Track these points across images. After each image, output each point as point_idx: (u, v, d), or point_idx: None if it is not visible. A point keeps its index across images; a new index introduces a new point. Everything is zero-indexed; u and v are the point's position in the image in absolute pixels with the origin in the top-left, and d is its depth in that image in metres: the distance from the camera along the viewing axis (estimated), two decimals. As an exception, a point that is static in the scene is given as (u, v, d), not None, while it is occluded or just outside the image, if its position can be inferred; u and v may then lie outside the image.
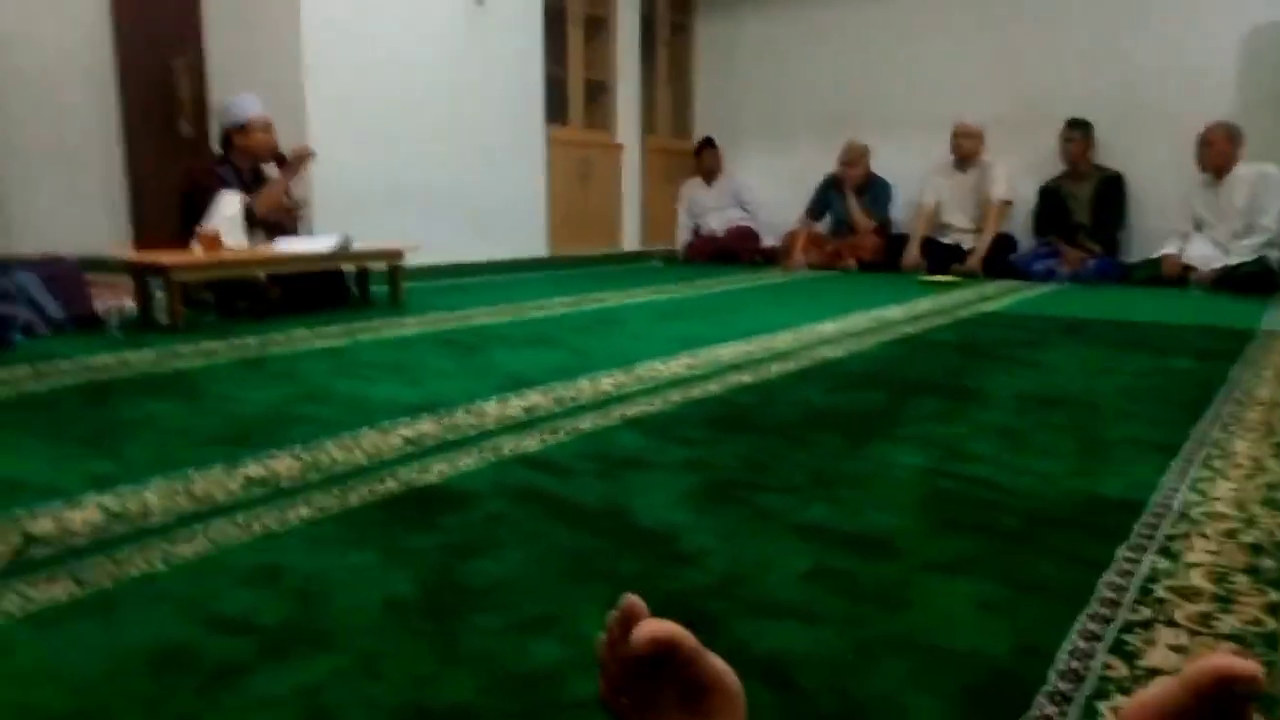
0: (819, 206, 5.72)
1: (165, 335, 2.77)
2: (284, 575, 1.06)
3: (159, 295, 2.90)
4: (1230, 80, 4.77)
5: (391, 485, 1.38)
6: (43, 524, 1.20)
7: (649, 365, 2.37)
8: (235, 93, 3.56)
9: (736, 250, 5.94)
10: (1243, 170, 4.44)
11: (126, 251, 3.40)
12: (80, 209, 4.72)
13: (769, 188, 6.22)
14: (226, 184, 3.32)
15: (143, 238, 4.72)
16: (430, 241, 4.19)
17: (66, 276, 2.89)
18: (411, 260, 3.69)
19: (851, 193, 5.56)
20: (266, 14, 4.10)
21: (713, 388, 2.12)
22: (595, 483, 1.41)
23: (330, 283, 3.53)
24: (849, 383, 2.21)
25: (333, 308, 3.45)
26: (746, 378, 2.23)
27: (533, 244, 5.26)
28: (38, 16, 4.52)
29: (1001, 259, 4.98)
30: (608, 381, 2.16)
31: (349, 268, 3.60)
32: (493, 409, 1.87)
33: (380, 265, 3.61)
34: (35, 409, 1.87)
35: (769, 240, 6.00)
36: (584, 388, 2.09)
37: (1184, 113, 4.71)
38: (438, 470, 1.46)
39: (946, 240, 5.28)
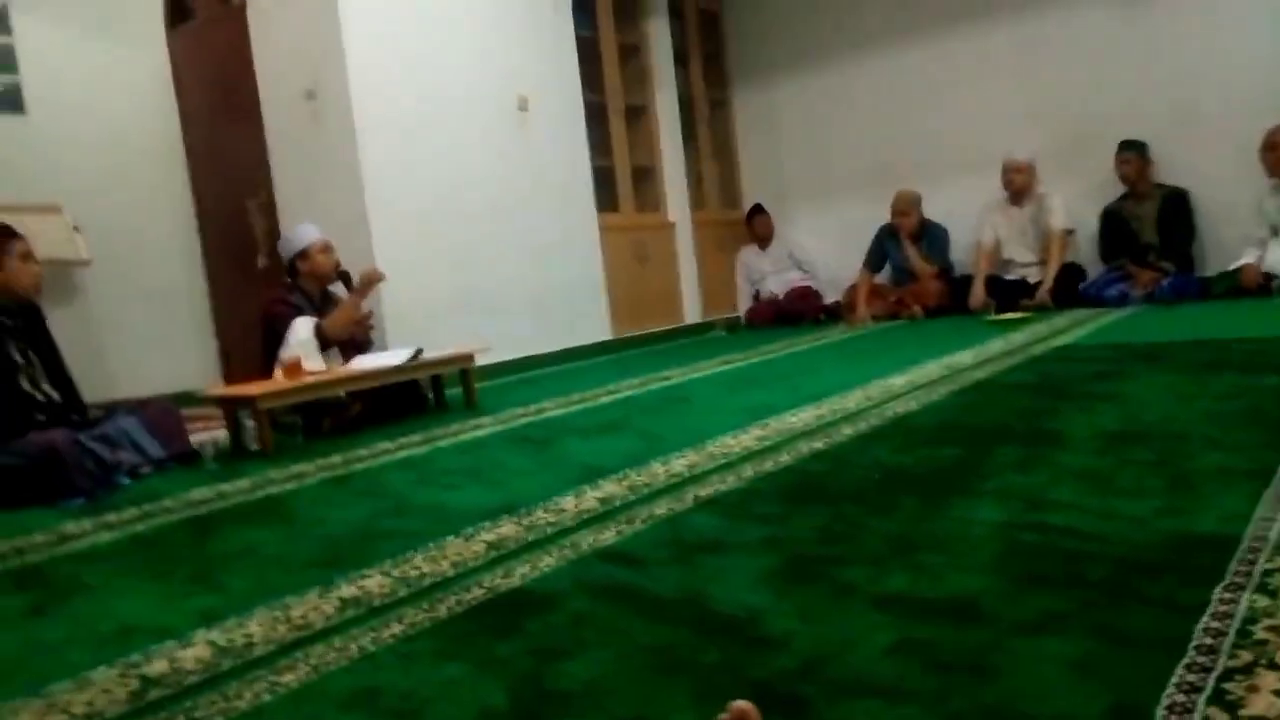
0: (877, 258, 5.71)
1: (257, 462, 2.90)
2: (381, 695, 1.10)
3: (249, 425, 3.04)
4: (1283, 80, 4.66)
5: (478, 593, 1.42)
6: (158, 665, 1.27)
7: (720, 441, 2.38)
8: (303, 222, 3.78)
9: (799, 310, 5.96)
10: (1315, 168, 4.30)
11: (215, 387, 3.58)
12: (171, 347, 5.00)
13: (824, 246, 6.25)
14: (299, 310, 3.49)
15: (231, 369, 4.97)
16: (498, 339, 4.31)
17: (164, 416, 3.06)
18: (482, 360, 3.81)
19: (908, 240, 5.55)
20: (326, 148, 4.36)
21: (785, 458, 2.12)
22: (672, 571, 1.43)
23: (407, 392, 3.66)
24: (923, 438, 2.19)
25: (411, 415, 3.57)
26: (819, 444, 2.23)
27: (596, 329, 5.37)
28: (124, 170, 4.88)
29: (1070, 289, 4.88)
30: (680, 462, 2.19)
31: (424, 376, 3.73)
32: (570, 503, 1.91)
33: (453, 369, 3.72)
34: (143, 549, 1.98)
35: (831, 297, 6.00)
36: (657, 471, 2.12)
37: (1241, 120, 4.60)
38: (520, 573, 1.49)
39: (1011, 277, 5.21)
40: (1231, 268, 4.49)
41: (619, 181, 5.75)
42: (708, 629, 1.19)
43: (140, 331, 4.89)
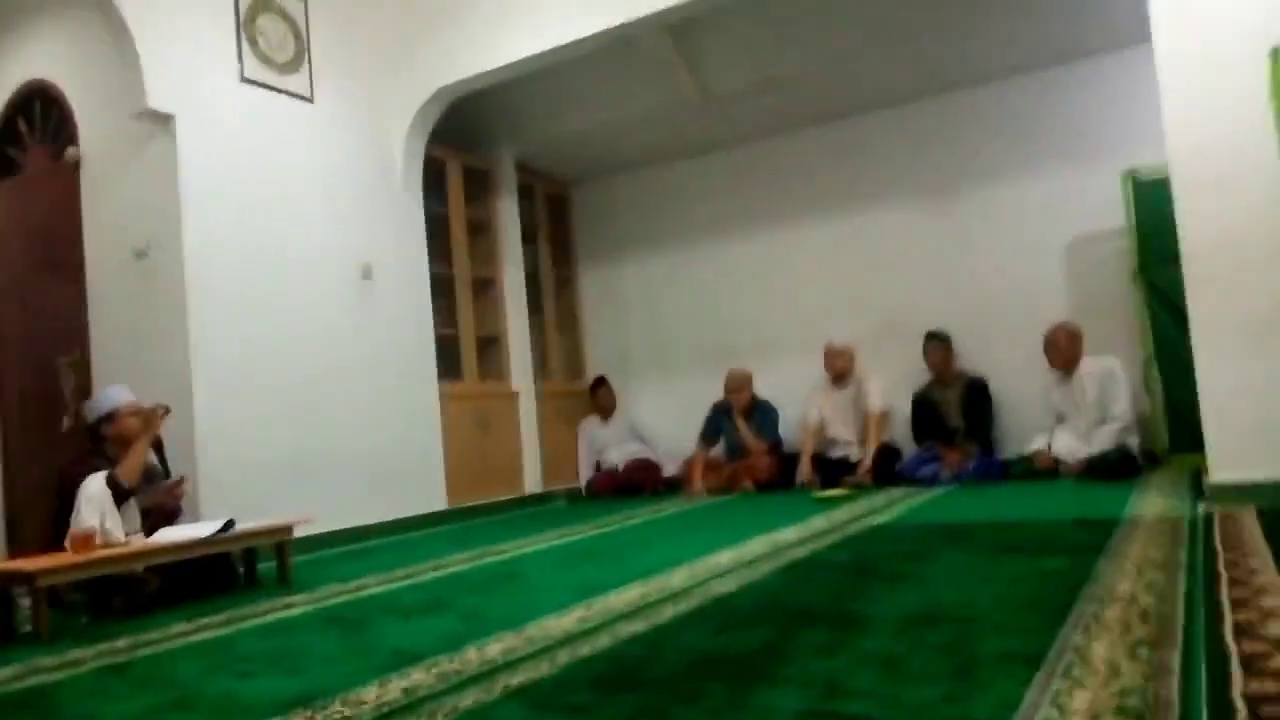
0: (711, 432, 5.92)
1: (28, 646, 2.60)
2: None
3: (23, 603, 2.75)
4: (1060, 285, 5.31)
5: (251, 803, 1.30)
6: None
7: (541, 623, 2.33)
8: (114, 384, 3.58)
9: (639, 481, 6.03)
10: (1088, 365, 4.85)
11: (-8, 557, 3.24)
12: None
13: (664, 419, 6.43)
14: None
15: (18, 538, 4.51)
16: (329, 507, 4.14)
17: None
18: (307, 530, 3.62)
19: (740, 417, 5.79)
20: (153, 308, 4.21)
21: (604, 641, 2.09)
22: (469, 772, 1.36)
23: (215, 566, 3.40)
24: (738, 620, 2.22)
25: (218, 593, 3.31)
26: (639, 626, 2.22)
27: (431, 499, 5.23)
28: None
29: (888, 468, 5.19)
30: (496, 647, 2.12)
31: (235, 549, 3.49)
32: (371, 694, 1.81)
33: (268, 541, 3.52)
34: None
35: (670, 469, 6.12)
36: (471, 657, 2.04)
37: (1028, 318, 5.18)
38: (303, 778, 1.38)
39: (835, 455, 5.49)
40: (1026, 452, 4.92)
41: (464, 350, 5.79)
42: (494, 839, 1.13)
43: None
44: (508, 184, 6.32)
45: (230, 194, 4.37)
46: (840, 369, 5.54)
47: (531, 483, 6.10)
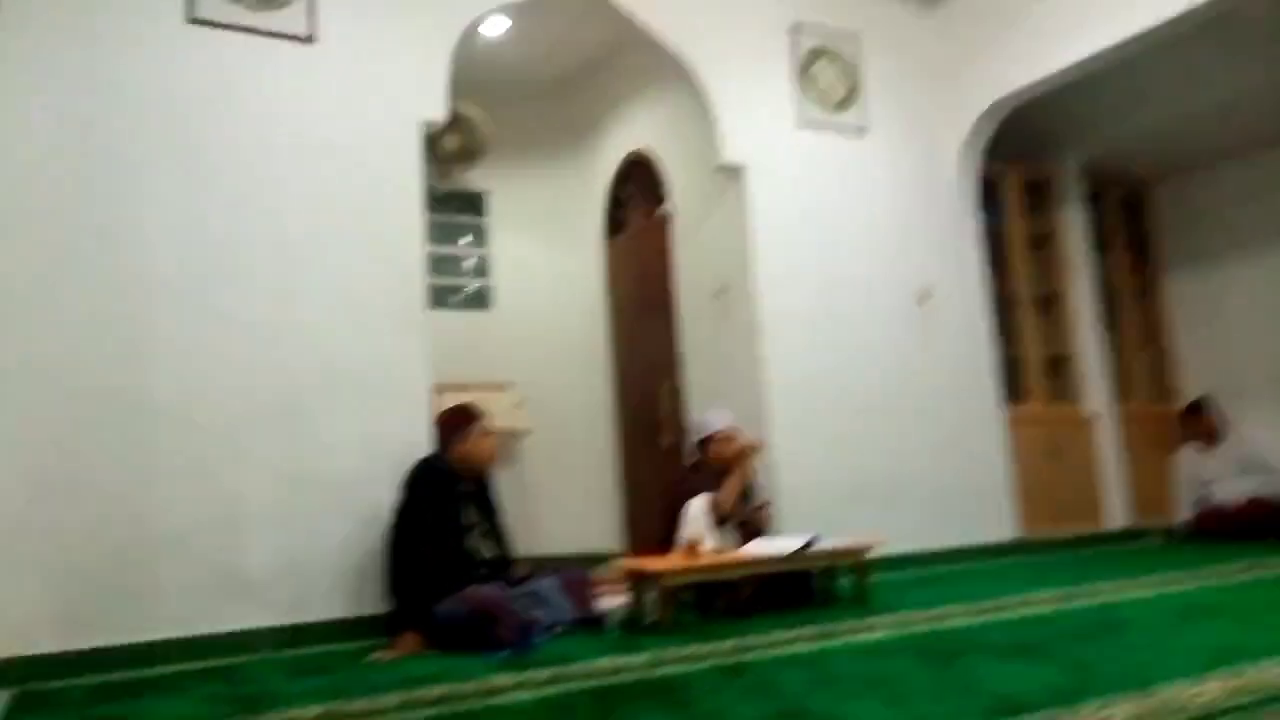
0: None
1: (654, 635, 2.98)
2: None
3: (649, 596, 3.17)
4: None
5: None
6: None
7: (1172, 688, 1.98)
8: (706, 409, 4.01)
9: (1260, 523, 4.98)
10: None
11: (624, 558, 3.83)
12: (584, 511, 5.50)
13: (1287, 449, 5.25)
14: (697, 491, 3.65)
15: (633, 535, 5.30)
16: (892, 531, 4.12)
17: (578, 581, 3.31)
18: (876, 552, 3.64)
19: None
20: (731, 340, 4.65)
21: (1270, 723, 1.70)
22: None
23: (797, 581, 3.60)
24: None
25: (799, 606, 3.49)
26: (1318, 710, 1.76)
27: (999, 528, 4.92)
28: (561, 355, 5.63)
29: None
30: (1121, 709, 1.84)
31: (817, 566, 3.65)
32: (986, 740, 1.69)
33: (848, 560, 3.60)
34: (552, 713, 2.09)
35: (1304, 512, 4.96)
36: (1089, 716, 1.80)
37: None
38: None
39: None
40: None
41: (1029, 372, 5.39)
42: None
43: (561, 495, 5.45)
44: (1072, 191, 5.77)
45: (793, 232, 4.66)
46: None
47: (1113, 516, 5.41)
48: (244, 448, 3.29)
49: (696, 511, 3.51)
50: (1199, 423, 5.50)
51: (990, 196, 5.42)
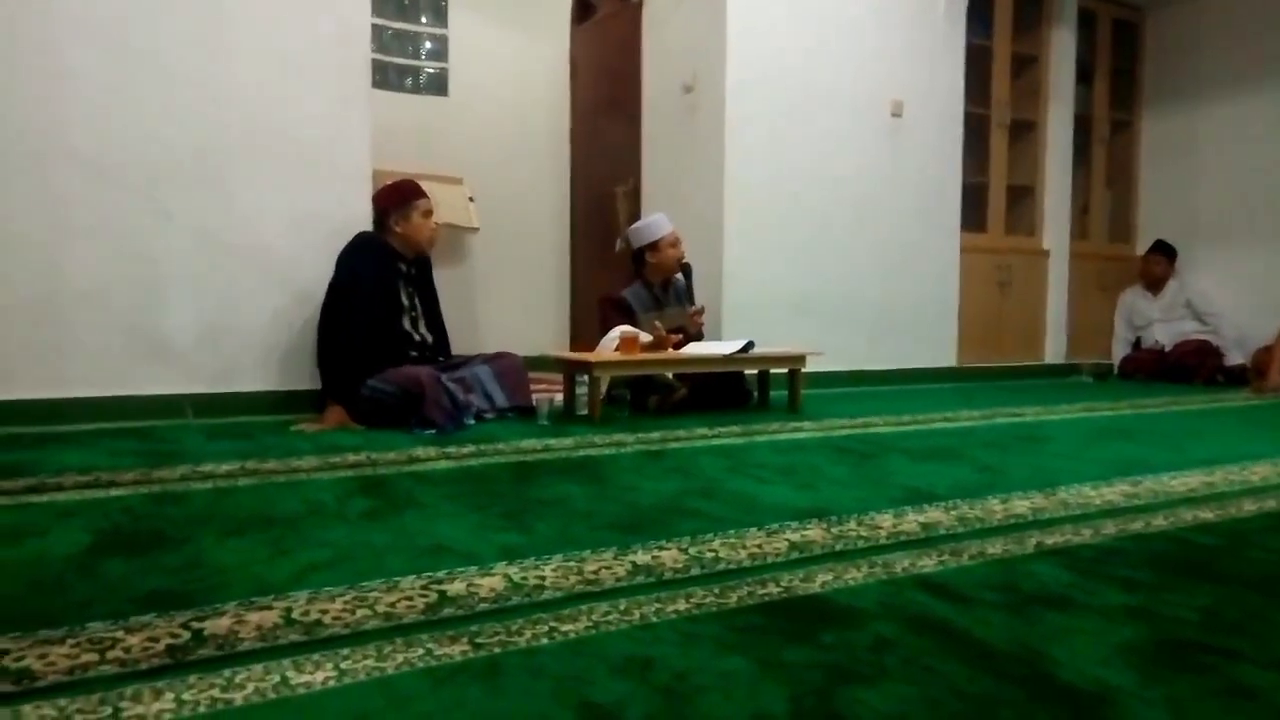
0: (1305, 318, 4.73)
1: (584, 425, 3.01)
2: (655, 668, 1.01)
3: (582, 389, 3.18)
4: None
5: (773, 589, 1.30)
6: (457, 586, 1.30)
7: (1076, 490, 2.05)
8: (657, 213, 3.88)
9: (1190, 367, 5.11)
10: None
11: (561, 352, 3.80)
12: (531, 312, 5.44)
13: (1233, 298, 5.31)
14: (633, 310, 3.58)
15: (578, 340, 5.30)
16: (833, 348, 4.14)
17: (512, 370, 3.29)
18: (812, 366, 3.67)
19: (1353, 302, 4.52)
20: (696, 141, 4.46)
21: (1160, 522, 1.76)
22: (1004, 618, 1.20)
23: (732, 384, 3.63)
24: (1362, 534, 1.70)
25: (733, 408, 3.54)
26: (1207, 514, 1.83)
27: (940, 354, 4.99)
28: (518, 151, 5.38)
29: None
30: (1023, 504, 1.90)
31: (751, 371, 3.67)
32: (887, 521, 1.72)
33: (781, 370, 3.63)
34: (472, 482, 2.10)
35: (1236, 357, 5.08)
36: (994, 508, 1.85)
37: None
38: (822, 580, 1.35)
39: None
40: None
41: (991, 200, 5.31)
42: (1042, 694, 0.97)
43: (509, 296, 5.38)
44: (1065, 11, 5.48)
45: (769, 28, 4.38)
46: None
47: (1053, 352, 5.52)
48: (163, 207, 3.12)
49: (609, 344, 3.40)
50: (1149, 264, 5.53)
51: (979, 9, 5.12)
